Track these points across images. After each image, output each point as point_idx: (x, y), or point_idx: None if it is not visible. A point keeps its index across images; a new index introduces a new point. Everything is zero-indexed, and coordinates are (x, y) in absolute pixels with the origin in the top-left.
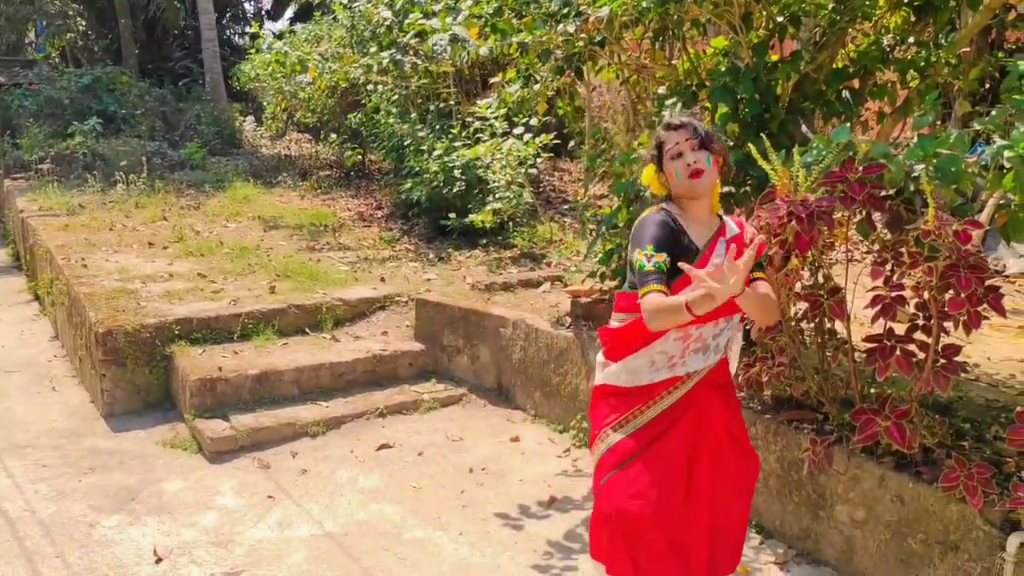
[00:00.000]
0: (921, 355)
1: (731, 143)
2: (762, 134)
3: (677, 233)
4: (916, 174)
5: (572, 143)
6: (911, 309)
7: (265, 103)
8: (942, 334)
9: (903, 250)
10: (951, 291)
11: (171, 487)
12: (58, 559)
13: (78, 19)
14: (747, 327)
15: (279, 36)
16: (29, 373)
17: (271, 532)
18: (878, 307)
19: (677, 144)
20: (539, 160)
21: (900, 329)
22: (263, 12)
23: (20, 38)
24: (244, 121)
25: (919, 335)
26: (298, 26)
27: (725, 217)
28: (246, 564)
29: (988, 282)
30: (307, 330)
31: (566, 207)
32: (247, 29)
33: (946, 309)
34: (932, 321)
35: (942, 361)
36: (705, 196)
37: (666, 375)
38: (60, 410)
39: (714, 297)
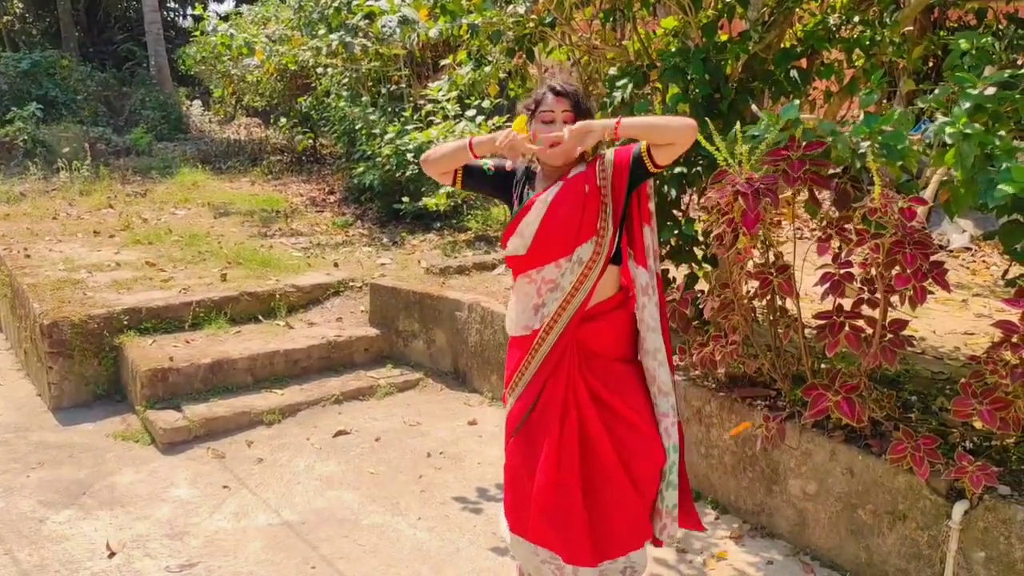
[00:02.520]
0: (869, 330)
1: None
2: (710, 115)
3: (514, 178)
4: (862, 151)
5: None
6: (859, 285)
7: (212, 87)
8: (889, 309)
9: (849, 227)
10: (897, 267)
11: (123, 480)
12: (7, 556)
13: (15, 1)
14: (700, 306)
15: (225, 18)
16: None
17: (227, 522)
18: (827, 284)
19: (553, 112)
20: None
21: (849, 305)
22: None
23: None
24: (191, 105)
25: (867, 311)
26: (244, 8)
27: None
28: (202, 556)
29: (933, 258)
30: (260, 317)
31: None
32: (192, 11)
33: (893, 285)
34: (879, 297)
35: (889, 336)
36: (562, 166)
37: (534, 325)
38: (5, 404)
39: (494, 142)
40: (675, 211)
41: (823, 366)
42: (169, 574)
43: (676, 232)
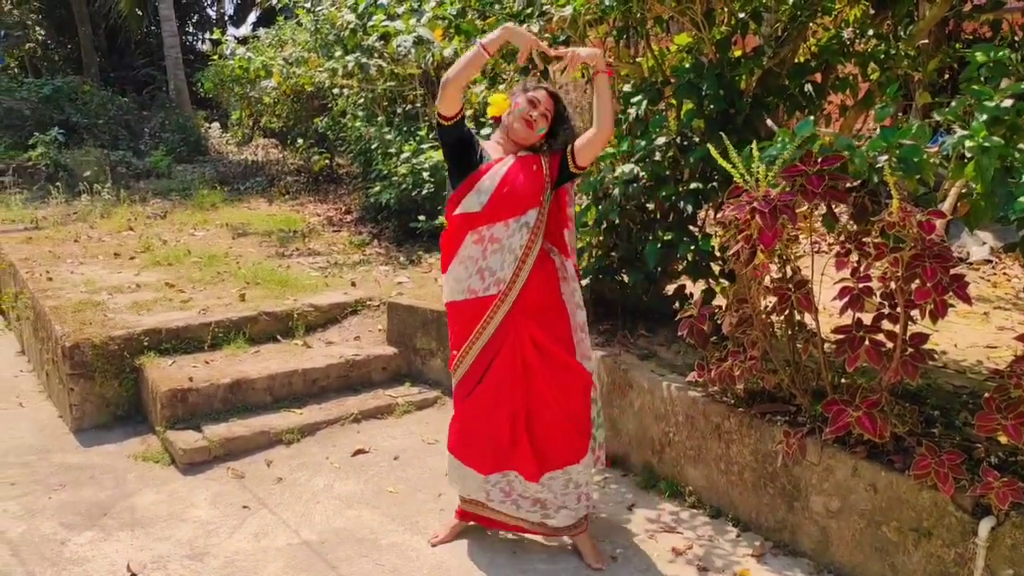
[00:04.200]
0: (889, 344)
1: (697, 139)
2: (725, 130)
3: (475, 146)
4: (880, 165)
5: None
6: (878, 299)
7: (230, 109)
8: (909, 323)
9: (867, 240)
10: (917, 280)
11: (144, 501)
12: None
13: (37, 29)
14: (718, 322)
15: (243, 41)
16: None
17: (247, 543)
18: (846, 298)
19: (539, 100)
20: None
21: (868, 319)
22: (226, 18)
23: None
24: (209, 128)
25: (887, 325)
26: (261, 31)
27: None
28: None
29: (953, 271)
30: (279, 337)
31: None
32: (210, 35)
33: (913, 298)
34: (899, 310)
35: (910, 350)
36: (521, 142)
37: (481, 291)
38: (28, 426)
39: (512, 34)
40: (691, 226)
41: (843, 381)
42: None
43: (693, 248)
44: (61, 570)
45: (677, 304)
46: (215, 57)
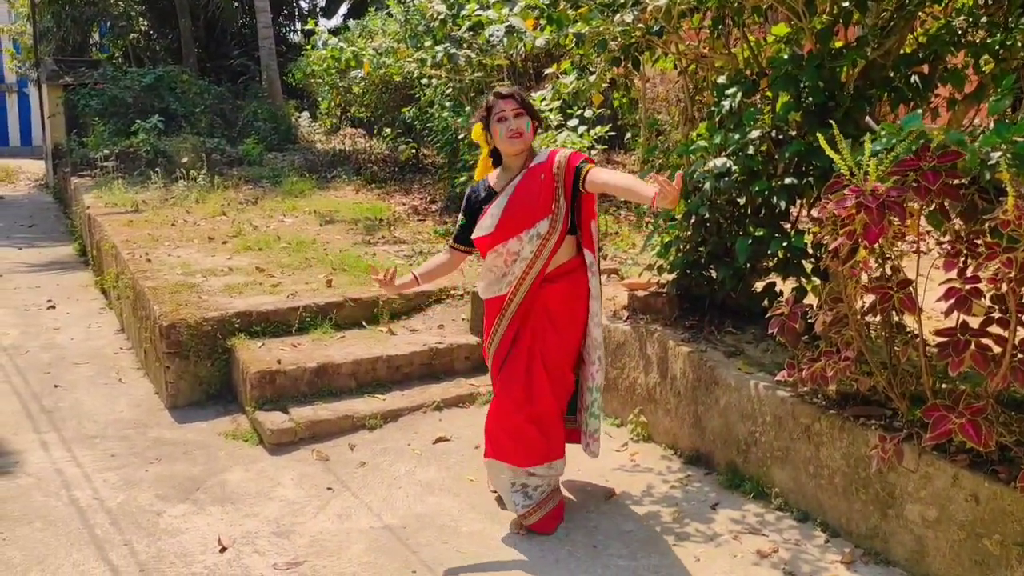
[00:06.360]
0: (997, 349)
1: (793, 133)
2: (823, 124)
3: (476, 197)
4: (992, 161)
5: (628, 135)
6: (987, 302)
7: (320, 99)
8: (1020, 327)
9: (979, 241)
10: None
11: (233, 478)
12: (126, 547)
13: (140, 20)
14: (810, 320)
15: (334, 32)
16: (97, 365)
17: (331, 523)
18: (952, 300)
19: (504, 111)
20: (594, 152)
21: (975, 323)
22: (317, 9)
23: (85, 39)
24: (299, 117)
25: (995, 329)
26: (352, 22)
27: (543, 151)
28: (307, 555)
29: None
30: (364, 323)
31: (621, 199)
32: (303, 26)
33: None
34: (1010, 314)
35: (1020, 355)
36: (522, 151)
37: (502, 290)
38: (127, 401)
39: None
40: (783, 223)
41: (944, 386)
42: (276, 571)
43: (784, 244)
44: (156, 540)
45: (766, 301)
46: (308, 47)
